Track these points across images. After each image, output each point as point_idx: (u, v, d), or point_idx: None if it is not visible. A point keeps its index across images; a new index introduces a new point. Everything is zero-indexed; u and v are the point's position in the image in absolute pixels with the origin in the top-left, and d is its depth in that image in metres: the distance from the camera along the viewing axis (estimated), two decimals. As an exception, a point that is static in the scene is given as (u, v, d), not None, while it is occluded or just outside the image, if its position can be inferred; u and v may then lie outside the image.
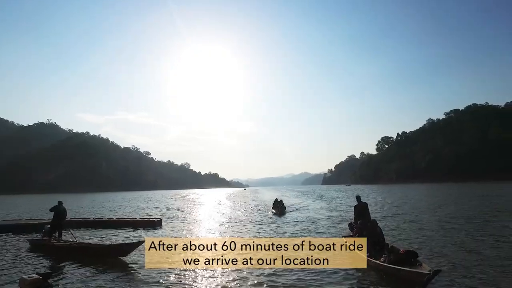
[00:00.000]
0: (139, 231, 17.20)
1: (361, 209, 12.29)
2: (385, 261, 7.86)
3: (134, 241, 12.30)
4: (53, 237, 13.08)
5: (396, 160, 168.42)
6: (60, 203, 13.79)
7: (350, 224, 12.59)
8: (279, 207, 25.07)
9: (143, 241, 10.87)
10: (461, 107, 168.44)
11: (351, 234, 11.34)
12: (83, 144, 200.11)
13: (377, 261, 8.11)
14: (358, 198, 12.98)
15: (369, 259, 8.46)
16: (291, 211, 26.17)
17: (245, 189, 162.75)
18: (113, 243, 13.27)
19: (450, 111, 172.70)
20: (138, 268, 9.50)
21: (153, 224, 19.05)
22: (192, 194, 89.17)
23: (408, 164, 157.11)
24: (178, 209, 32.71)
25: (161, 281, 8.05)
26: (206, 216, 24.99)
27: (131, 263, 10.10)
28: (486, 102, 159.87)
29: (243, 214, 25.71)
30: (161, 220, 20.42)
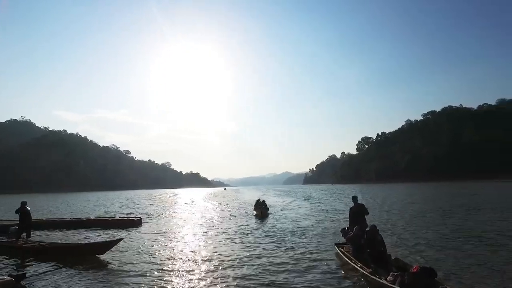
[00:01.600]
0: (119, 231, 16.69)
1: (358, 212, 10.56)
2: (396, 282, 6.15)
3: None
4: (21, 239, 12.48)
5: (376, 160, 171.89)
6: (24, 203, 13.25)
7: (343, 230, 10.84)
8: (261, 208, 22.88)
9: (121, 239, 11.30)
10: (438, 109, 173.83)
11: (346, 242, 9.81)
12: (60, 142, 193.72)
13: (386, 282, 6.33)
14: (354, 199, 11.03)
15: (374, 278, 6.81)
16: (274, 213, 24.15)
17: (225, 189, 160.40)
18: (90, 242, 12.88)
19: (427, 112, 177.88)
20: (116, 266, 9.40)
21: (133, 223, 18.72)
22: (172, 194, 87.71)
23: (388, 164, 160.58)
24: (158, 209, 32.13)
25: (138, 280, 7.97)
26: (185, 217, 23.59)
27: (108, 262, 9.94)
28: (461, 104, 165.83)
29: (222, 215, 23.75)
30: (141, 219, 20.10)
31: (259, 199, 26.17)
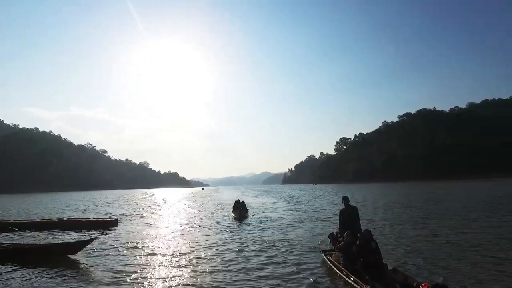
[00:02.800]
0: (93, 231, 16.07)
1: (350, 215, 9.19)
2: None
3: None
4: None
5: (353, 161, 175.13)
6: None
7: (332, 235, 9.92)
8: (239, 210, 21.51)
9: (94, 238, 11.30)
10: (413, 111, 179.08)
11: (335, 249, 8.75)
12: (31, 140, 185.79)
13: None
14: (345, 200, 9.51)
15: None
16: (253, 215, 22.72)
17: (203, 189, 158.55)
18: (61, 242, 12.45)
19: (403, 114, 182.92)
20: (89, 267, 9.25)
21: (108, 224, 18.25)
22: (149, 194, 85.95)
23: (365, 165, 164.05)
24: (134, 209, 31.34)
25: (111, 280, 7.83)
26: (160, 218, 22.75)
27: (81, 262, 9.79)
28: (434, 107, 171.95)
29: (199, 217, 22.49)
30: (116, 220, 19.66)
31: (238, 200, 24.77)
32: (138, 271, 8.52)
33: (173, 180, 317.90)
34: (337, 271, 7.43)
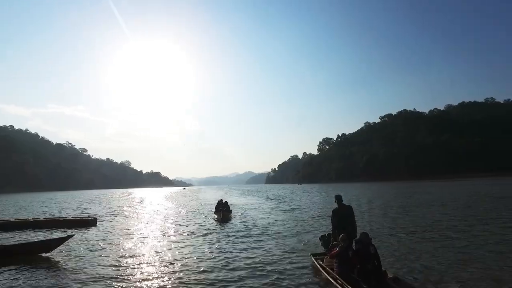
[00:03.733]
0: (71, 231, 15.42)
1: (344, 215, 8.04)
2: None
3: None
4: None
5: (336, 160, 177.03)
6: None
7: (323, 237, 8.94)
8: (221, 211, 20.18)
9: (71, 236, 11.11)
10: (394, 112, 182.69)
11: (326, 253, 7.88)
12: (4, 139, 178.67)
13: None
14: (338, 198, 8.28)
15: None
16: (237, 215, 21.76)
17: (184, 189, 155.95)
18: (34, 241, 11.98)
19: (385, 115, 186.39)
20: (63, 265, 9.14)
21: (87, 223, 17.95)
22: (130, 194, 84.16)
23: (347, 164, 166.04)
24: (115, 209, 30.61)
25: (84, 279, 7.70)
26: (140, 218, 21.99)
27: (54, 260, 9.64)
28: (414, 109, 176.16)
29: (179, 219, 21.11)
30: (95, 219, 19.43)
31: (221, 200, 23.38)
32: (112, 271, 8.33)
33: (155, 179, 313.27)
34: (330, 279, 6.56)
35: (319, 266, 7.40)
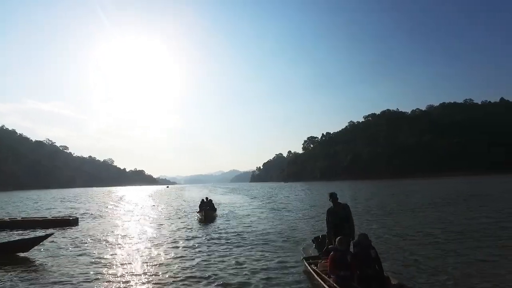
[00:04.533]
0: (52, 231, 14.52)
1: (340, 215, 7.22)
2: None
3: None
4: None
5: (321, 159, 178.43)
6: None
7: (317, 239, 8.29)
8: (204, 210, 19.01)
9: (50, 234, 10.95)
10: (377, 112, 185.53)
11: (321, 256, 7.34)
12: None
13: None
14: (333, 196, 7.43)
15: None
16: (221, 216, 20.48)
17: (167, 187, 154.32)
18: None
19: (368, 115, 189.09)
20: (39, 265, 8.93)
21: (68, 223, 17.42)
22: (113, 192, 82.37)
23: (332, 163, 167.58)
24: (96, 208, 29.62)
25: (60, 279, 7.46)
26: (122, 218, 21.05)
27: (31, 260, 9.46)
28: (397, 108, 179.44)
29: (162, 218, 20.12)
30: (77, 218, 18.82)
31: (205, 198, 22.07)
32: (93, 271, 8.08)
33: (139, 178, 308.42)
34: (325, 286, 5.79)
35: (313, 272, 6.63)
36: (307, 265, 7.20)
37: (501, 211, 16.87)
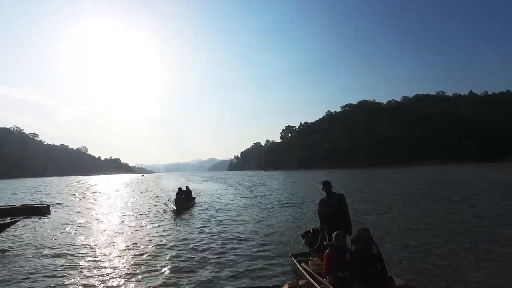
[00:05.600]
0: (21, 220, 13.81)
1: (334, 207, 6.31)
2: None
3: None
4: None
5: (299, 148, 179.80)
6: None
7: (306, 234, 7.41)
8: (179, 200, 17.67)
9: (15, 221, 10.62)
10: (355, 102, 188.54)
11: (311, 253, 6.64)
12: None
13: None
14: (326, 185, 6.46)
15: None
16: (198, 206, 19.22)
17: (142, 176, 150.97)
18: None
19: (346, 105, 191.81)
20: (8, 254, 8.69)
21: (39, 211, 17.17)
22: (86, 181, 79.80)
23: (309, 152, 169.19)
24: (68, 197, 28.78)
25: (36, 268, 7.26)
26: (95, 207, 20.35)
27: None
28: (374, 99, 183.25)
29: (133, 209, 18.84)
30: (49, 206, 18.72)
31: (181, 188, 20.77)
32: (64, 259, 7.94)
33: (114, 166, 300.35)
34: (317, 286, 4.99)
35: (303, 271, 5.84)
36: (296, 263, 6.41)
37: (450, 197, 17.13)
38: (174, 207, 17.15)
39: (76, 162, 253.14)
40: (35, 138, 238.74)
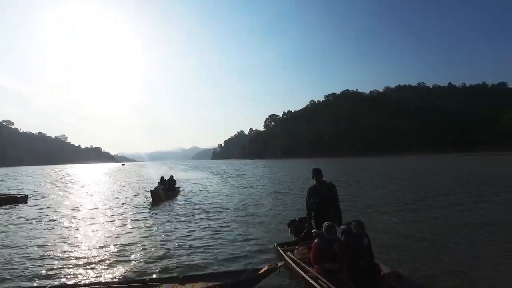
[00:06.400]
0: None
1: (325, 195, 5.98)
2: None
3: None
4: None
5: (282, 137, 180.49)
6: None
7: (293, 223, 7.15)
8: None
9: None
10: (338, 92, 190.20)
11: (297, 242, 6.48)
12: None
13: None
14: (317, 173, 6.13)
15: None
16: (181, 195, 18.60)
17: (123, 164, 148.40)
18: None
19: (329, 94, 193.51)
20: None
21: (16, 200, 16.94)
22: (65, 170, 77.82)
23: (293, 141, 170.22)
24: (46, 187, 28.03)
25: (12, 259, 7.06)
26: (73, 198, 19.47)
27: None
28: (357, 89, 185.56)
29: (112, 199, 17.87)
30: (26, 196, 18.28)
31: (163, 177, 20.15)
32: (42, 250, 7.69)
33: (94, 155, 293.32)
34: (307, 278, 4.76)
35: (290, 261, 5.61)
36: (282, 252, 6.21)
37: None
38: (154, 195, 16.09)
39: (56, 151, 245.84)
40: (10, 126, 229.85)
